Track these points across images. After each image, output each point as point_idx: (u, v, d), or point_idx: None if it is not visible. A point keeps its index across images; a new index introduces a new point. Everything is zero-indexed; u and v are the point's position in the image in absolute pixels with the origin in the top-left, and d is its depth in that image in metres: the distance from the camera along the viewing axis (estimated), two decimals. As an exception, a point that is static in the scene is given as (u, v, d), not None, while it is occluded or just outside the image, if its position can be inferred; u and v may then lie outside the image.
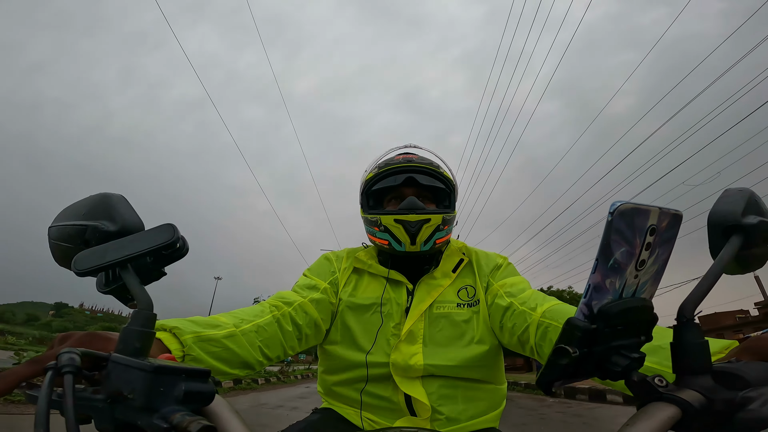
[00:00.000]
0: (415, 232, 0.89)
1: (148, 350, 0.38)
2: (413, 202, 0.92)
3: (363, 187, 1.01)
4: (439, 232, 0.92)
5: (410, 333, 0.88)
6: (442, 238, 0.93)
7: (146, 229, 0.44)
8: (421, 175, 0.95)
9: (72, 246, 0.46)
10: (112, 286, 0.44)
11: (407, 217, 0.90)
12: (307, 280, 0.96)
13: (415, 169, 0.96)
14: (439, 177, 0.97)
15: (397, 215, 0.90)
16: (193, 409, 0.34)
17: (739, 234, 0.42)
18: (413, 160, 0.98)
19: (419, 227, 0.89)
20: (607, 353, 0.36)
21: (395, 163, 0.98)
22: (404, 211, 0.91)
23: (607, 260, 0.34)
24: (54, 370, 0.31)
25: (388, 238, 0.92)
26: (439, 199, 0.99)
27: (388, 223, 0.91)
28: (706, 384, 0.35)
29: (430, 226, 0.90)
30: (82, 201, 0.49)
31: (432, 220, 0.90)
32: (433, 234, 0.91)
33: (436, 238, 0.92)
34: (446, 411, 0.83)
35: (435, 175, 0.96)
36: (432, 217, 0.90)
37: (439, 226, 0.91)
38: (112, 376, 0.35)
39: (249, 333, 0.72)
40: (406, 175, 0.95)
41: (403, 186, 0.96)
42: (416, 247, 0.90)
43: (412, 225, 0.89)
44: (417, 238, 0.89)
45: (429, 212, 0.91)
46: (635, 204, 0.34)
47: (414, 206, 0.91)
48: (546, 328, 0.72)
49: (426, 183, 0.95)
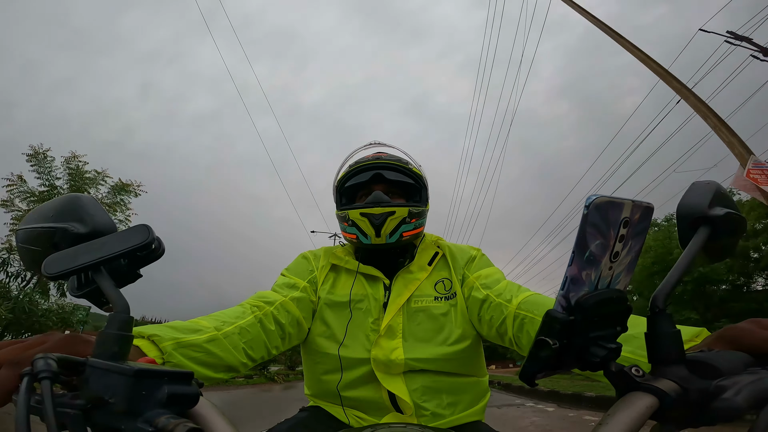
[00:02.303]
0: (380, 224, 0.91)
1: (126, 354, 0.37)
2: (378, 196, 0.94)
3: (335, 185, 1.03)
4: (406, 225, 0.93)
5: (389, 328, 0.88)
6: (410, 231, 0.94)
7: (119, 231, 0.42)
8: (389, 171, 0.98)
9: (41, 249, 0.44)
10: (84, 290, 0.43)
11: (372, 210, 0.92)
12: (285, 279, 0.95)
13: (382, 166, 0.99)
14: (407, 172, 0.99)
15: (363, 209, 0.93)
16: (177, 412, 0.33)
17: (707, 225, 0.43)
18: (382, 158, 1.01)
19: (383, 219, 0.91)
20: (586, 344, 0.36)
21: (365, 160, 1.01)
22: (369, 204, 0.93)
23: (583, 253, 0.35)
24: (30, 376, 0.30)
25: (356, 231, 0.94)
26: (409, 194, 1.01)
27: (354, 217, 0.93)
28: (680, 373, 0.35)
29: (395, 219, 0.91)
30: (49, 203, 0.47)
31: (397, 213, 0.92)
32: (399, 226, 0.92)
33: (402, 231, 0.93)
34: (430, 406, 0.84)
35: (403, 171, 0.99)
36: (397, 209, 0.92)
37: (405, 219, 0.92)
38: (90, 381, 0.33)
39: (232, 335, 0.70)
40: (374, 172, 0.98)
41: (371, 182, 0.98)
42: (381, 239, 0.92)
43: (376, 217, 0.91)
44: (382, 230, 0.91)
45: (394, 205, 0.93)
46: (609, 197, 0.35)
47: (379, 200, 0.94)
48: (522, 319, 0.73)
49: (393, 178, 0.98)
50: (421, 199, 1.00)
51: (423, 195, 1.01)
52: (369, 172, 0.98)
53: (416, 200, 1.00)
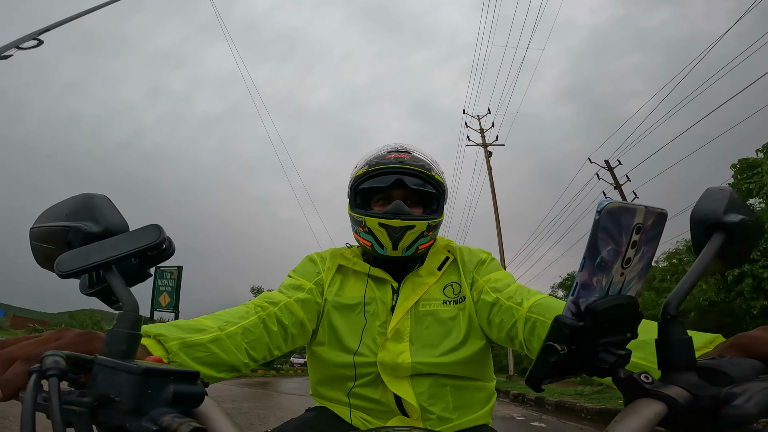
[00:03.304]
0: (398, 237, 0.88)
1: (135, 352, 0.38)
2: (399, 207, 0.90)
3: (351, 183, 0.98)
4: (423, 239, 0.91)
5: (396, 331, 0.87)
6: (426, 244, 0.93)
7: (131, 230, 0.43)
8: (411, 177, 0.93)
9: (54, 248, 0.45)
10: (95, 288, 0.43)
11: (392, 222, 0.88)
12: (292, 280, 0.95)
13: (405, 171, 0.93)
14: (430, 180, 0.94)
15: (382, 219, 0.89)
16: (182, 411, 0.33)
17: (721, 232, 0.42)
18: (405, 161, 0.95)
19: (402, 233, 0.88)
20: (595, 350, 0.36)
21: (386, 162, 0.94)
22: (389, 215, 0.89)
23: (594, 258, 0.35)
24: (38, 373, 0.31)
25: (372, 240, 0.91)
26: (428, 202, 0.96)
27: (372, 226, 0.90)
28: (691, 380, 0.35)
29: (413, 233, 0.89)
30: (63, 202, 0.48)
31: (416, 227, 0.89)
32: (417, 240, 0.90)
33: (419, 244, 0.91)
34: (437, 410, 0.83)
35: (425, 179, 0.94)
36: (417, 223, 0.89)
37: (423, 233, 0.90)
38: (98, 379, 0.34)
39: (235, 335, 0.71)
40: (396, 177, 0.92)
41: (392, 188, 0.93)
42: (398, 252, 0.90)
43: (395, 230, 0.88)
44: (399, 243, 0.88)
45: (414, 218, 0.89)
46: (622, 203, 0.34)
47: (400, 211, 0.89)
48: (534, 323, 0.72)
49: (415, 186, 0.93)
50: (438, 207, 0.96)
51: (441, 203, 0.97)
52: (390, 177, 0.93)
53: (434, 209, 0.96)
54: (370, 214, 0.91)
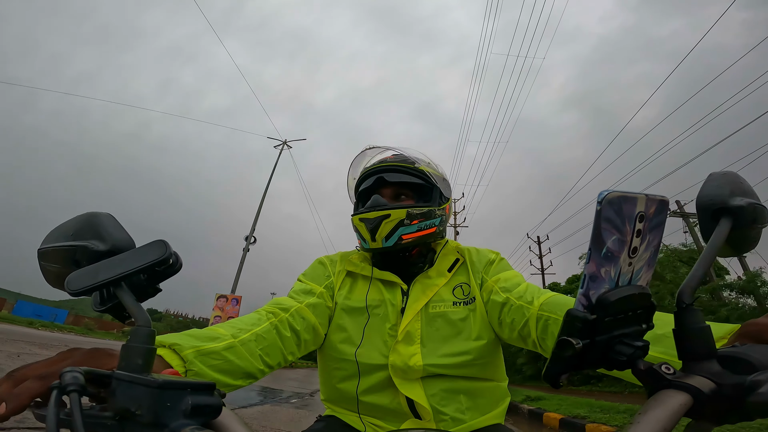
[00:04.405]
0: (374, 228, 0.89)
1: (150, 366, 0.38)
2: (375, 200, 0.93)
3: (351, 192, 1.04)
4: (405, 227, 0.90)
5: (407, 333, 0.86)
6: (411, 234, 0.91)
7: (137, 247, 0.44)
8: (391, 173, 0.96)
9: (62, 267, 0.46)
10: (107, 305, 0.44)
11: (367, 214, 0.91)
12: (302, 285, 0.95)
13: (385, 169, 0.97)
14: (411, 172, 0.96)
15: (360, 214, 0.92)
16: (201, 423, 0.33)
17: (728, 216, 0.42)
18: (386, 160, 0.99)
19: (378, 223, 0.89)
20: (611, 343, 0.35)
21: (371, 165, 1.00)
22: (366, 209, 0.92)
23: (600, 249, 0.35)
24: (59, 389, 0.31)
25: (359, 236, 0.95)
26: (419, 194, 0.97)
27: (356, 223, 0.94)
28: (713, 369, 0.34)
29: (390, 221, 0.89)
30: (68, 222, 0.49)
31: (392, 216, 0.89)
32: (395, 229, 0.89)
33: (400, 234, 0.90)
34: (449, 411, 0.82)
35: (407, 171, 0.96)
36: (392, 212, 0.89)
37: (403, 221, 0.89)
38: (117, 394, 0.34)
39: (248, 342, 0.71)
40: (377, 176, 0.97)
41: (376, 187, 0.97)
42: (377, 243, 0.90)
43: (370, 222, 0.90)
44: (376, 234, 0.89)
45: (389, 208, 0.90)
46: (622, 192, 0.35)
47: (375, 204, 0.92)
48: (546, 321, 0.71)
49: (396, 180, 0.96)
50: (431, 198, 0.96)
51: (434, 194, 0.97)
52: (373, 177, 0.97)
53: (425, 200, 0.96)
54: (355, 213, 0.96)
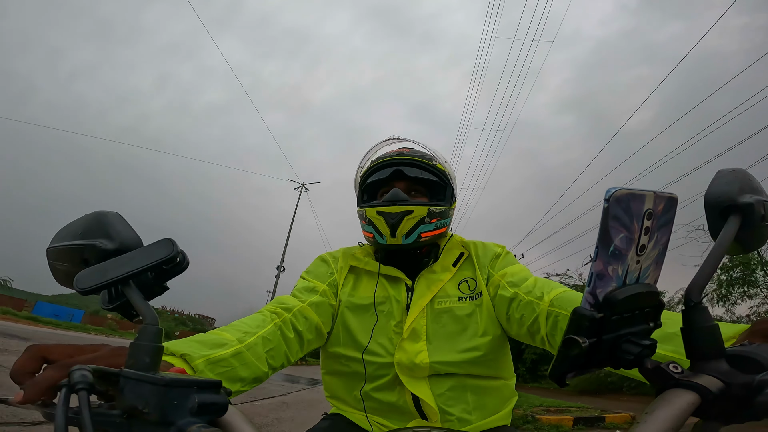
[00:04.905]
0: (395, 223, 0.87)
1: (158, 364, 0.38)
2: (396, 194, 0.91)
3: (357, 182, 1.01)
4: (425, 225, 0.89)
5: (413, 330, 0.85)
6: (429, 232, 0.90)
7: (145, 245, 0.44)
8: (411, 167, 0.94)
9: (71, 266, 0.46)
10: (115, 303, 0.44)
11: (388, 208, 0.88)
12: (305, 282, 0.94)
13: (404, 162, 0.94)
14: (430, 169, 0.95)
15: (379, 207, 0.90)
16: (207, 421, 0.34)
17: (737, 214, 0.42)
18: (404, 153, 0.97)
19: (399, 219, 0.87)
20: (618, 341, 0.35)
21: (386, 156, 0.97)
22: (386, 202, 0.90)
23: (607, 247, 0.34)
24: (67, 387, 0.31)
25: (372, 230, 0.91)
26: (433, 192, 0.96)
27: (371, 216, 0.90)
28: (721, 368, 0.34)
29: (412, 218, 0.87)
30: (77, 221, 0.49)
31: (415, 212, 0.88)
32: (417, 227, 0.88)
33: (420, 231, 0.89)
34: (456, 411, 0.81)
35: (426, 167, 0.95)
36: (415, 209, 0.88)
37: (423, 219, 0.88)
38: (125, 391, 0.34)
39: (255, 346, 0.70)
40: (394, 168, 0.94)
41: (392, 179, 0.95)
42: (397, 240, 0.88)
43: (392, 217, 0.88)
44: (397, 230, 0.87)
45: (412, 204, 0.89)
46: (630, 189, 0.34)
47: (396, 198, 0.90)
48: (556, 317, 0.70)
49: (415, 175, 0.94)
50: (445, 197, 0.96)
51: (448, 193, 0.96)
52: (389, 169, 0.94)
53: (440, 198, 0.95)
54: (369, 205, 0.93)
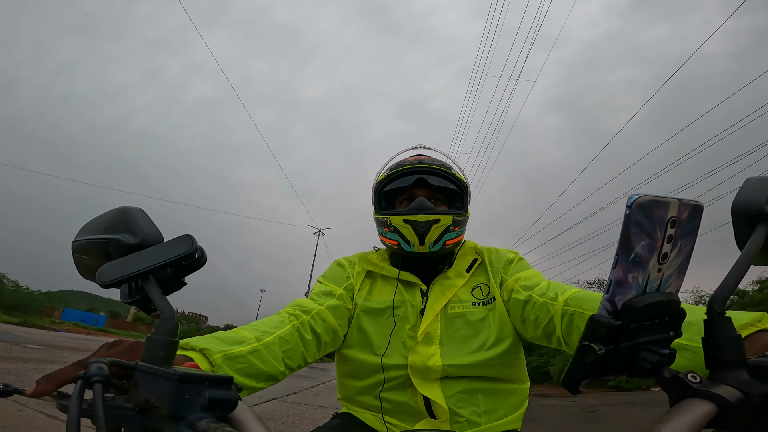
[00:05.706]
0: (424, 232, 0.89)
1: (172, 359, 0.39)
2: (422, 203, 0.92)
3: (375, 189, 1.02)
4: (450, 233, 0.92)
5: (427, 334, 0.87)
6: (453, 240, 0.93)
7: (165, 241, 0.45)
8: (433, 176, 0.96)
9: (94, 259, 0.48)
10: (135, 297, 0.45)
11: (416, 217, 0.90)
12: (322, 286, 0.96)
13: (426, 170, 0.96)
14: (451, 178, 0.97)
15: (407, 215, 0.91)
16: (217, 416, 0.34)
17: (765, 223, 0.40)
18: (424, 161, 0.99)
19: (428, 227, 0.89)
20: (636, 349, 0.35)
21: (406, 164, 0.99)
22: (413, 211, 0.91)
23: (628, 254, 0.34)
24: (83, 379, 0.32)
25: (398, 238, 0.92)
26: (452, 200, 0.99)
27: (397, 224, 0.91)
28: (741, 378, 0.34)
29: (439, 227, 0.90)
30: (102, 215, 0.51)
31: (442, 221, 0.90)
32: (443, 235, 0.91)
33: (446, 239, 0.91)
34: (466, 413, 0.82)
35: (446, 177, 0.97)
36: (442, 217, 0.90)
37: (449, 227, 0.91)
38: (139, 385, 0.36)
39: (272, 345, 0.72)
40: (417, 176, 0.96)
41: (414, 187, 0.96)
42: (425, 248, 0.90)
43: (420, 225, 0.89)
44: (426, 238, 0.89)
45: (439, 213, 0.91)
46: (653, 196, 0.34)
47: (423, 206, 0.92)
48: (571, 315, 0.70)
49: (437, 184, 0.96)
50: (463, 205, 0.98)
51: (465, 201, 0.99)
52: (412, 177, 0.96)
53: (458, 207, 0.98)
54: (394, 212, 0.94)
